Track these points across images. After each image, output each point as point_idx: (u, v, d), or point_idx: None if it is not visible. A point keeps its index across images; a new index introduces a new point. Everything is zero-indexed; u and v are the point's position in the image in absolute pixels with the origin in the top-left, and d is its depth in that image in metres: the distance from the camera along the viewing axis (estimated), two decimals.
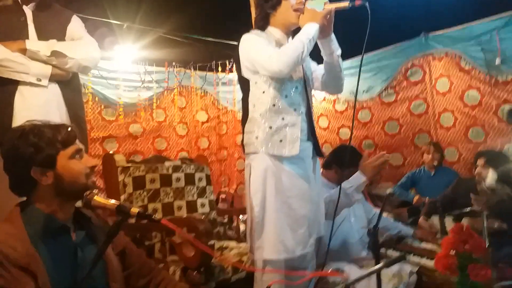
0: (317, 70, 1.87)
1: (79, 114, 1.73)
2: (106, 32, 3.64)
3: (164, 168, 2.39)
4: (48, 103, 1.60)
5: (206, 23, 4.12)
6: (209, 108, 4.76)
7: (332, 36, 1.73)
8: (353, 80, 3.52)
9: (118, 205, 1.11)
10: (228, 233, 2.61)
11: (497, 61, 3.28)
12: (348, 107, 4.50)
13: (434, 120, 3.89)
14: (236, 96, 4.80)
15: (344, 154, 2.18)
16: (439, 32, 3.75)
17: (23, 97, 1.55)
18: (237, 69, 1.79)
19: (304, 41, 1.58)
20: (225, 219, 2.67)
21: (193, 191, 2.46)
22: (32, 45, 1.58)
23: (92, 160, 1.22)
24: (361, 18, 1.58)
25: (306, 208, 1.69)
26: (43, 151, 1.11)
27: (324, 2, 1.61)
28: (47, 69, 1.61)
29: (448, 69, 3.73)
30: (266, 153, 1.65)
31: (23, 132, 1.14)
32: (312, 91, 1.87)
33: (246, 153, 1.73)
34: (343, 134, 4.58)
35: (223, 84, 4.78)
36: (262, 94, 1.68)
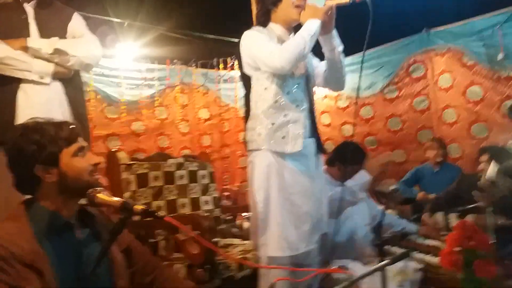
0: (319, 66, 1.87)
1: (81, 111, 1.73)
2: (107, 30, 3.64)
3: (167, 166, 2.40)
4: (51, 101, 1.60)
5: (207, 20, 4.12)
6: (211, 106, 4.75)
7: (334, 32, 1.72)
8: (355, 77, 3.46)
9: (122, 202, 1.11)
10: (232, 231, 2.61)
11: (500, 56, 3.28)
12: (351, 104, 4.49)
13: (436, 116, 3.88)
14: (238, 93, 4.79)
15: (347, 151, 2.17)
16: (441, 27, 3.74)
17: (26, 95, 1.55)
18: (239, 66, 1.78)
19: (306, 37, 1.57)
20: (229, 216, 2.67)
21: (197, 189, 2.46)
22: (34, 43, 1.58)
23: (95, 158, 1.22)
24: (362, 14, 1.57)
25: (309, 204, 1.70)
26: (46, 149, 1.11)
27: None
28: (49, 67, 1.61)
29: (450, 64, 3.72)
30: (269, 150, 1.65)
31: (25, 129, 1.14)
32: (314, 88, 1.86)
33: (249, 150, 1.73)
34: (346, 131, 4.57)
35: (225, 81, 4.77)
36: (264, 91, 1.67)
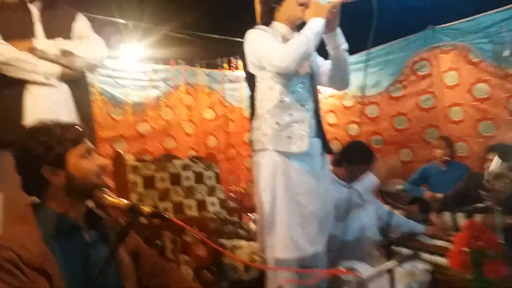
0: (324, 65, 1.85)
1: (87, 112, 1.73)
2: (112, 31, 3.65)
3: (173, 167, 2.40)
4: (57, 102, 1.60)
5: (211, 21, 4.11)
6: (216, 106, 4.75)
7: (338, 30, 1.71)
8: (360, 76, 3.48)
9: (130, 204, 1.11)
10: (239, 232, 2.60)
11: (506, 53, 3.25)
12: (356, 103, 4.47)
13: (443, 115, 3.85)
14: (243, 93, 4.78)
15: (354, 151, 2.16)
16: (446, 24, 3.71)
17: (32, 96, 1.55)
18: (243, 65, 1.78)
19: (310, 36, 1.56)
20: (235, 218, 2.66)
21: (203, 190, 2.46)
22: (40, 44, 1.58)
23: (102, 159, 1.22)
24: (366, 12, 1.56)
25: (315, 205, 1.68)
26: (53, 150, 1.11)
27: None
28: (55, 68, 1.61)
29: (456, 62, 3.69)
30: (275, 150, 1.64)
31: (32, 131, 1.14)
32: (319, 87, 1.85)
33: (255, 150, 1.72)
34: (351, 130, 4.55)
35: (230, 81, 4.76)
36: (269, 90, 1.67)
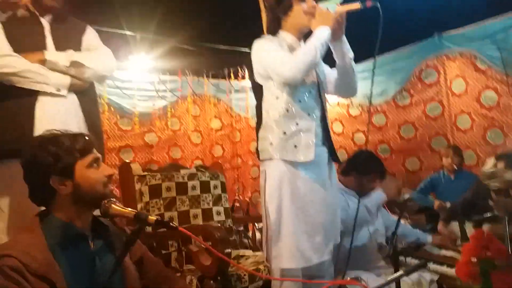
0: (331, 73, 1.86)
1: (96, 123, 1.75)
2: (121, 43, 3.71)
3: (180, 176, 2.40)
4: (67, 113, 1.63)
5: (218, 31, 4.15)
6: (222, 116, 4.78)
7: (344, 39, 1.72)
8: (366, 84, 3.47)
9: (136, 213, 1.12)
10: (244, 242, 2.59)
11: None
12: (362, 111, 4.46)
13: (450, 123, 3.82)
14: (249, 103, 4.81)
15: (362, 160, 2.15)
16: (452, 31, 3.69)
17: (43, 107, 1.58)
18: (250, 75, 1.79)
19: (317, 45, 1.57)
20: (241, 227, 2.66)
21: (209, 199, 2.46)
22: (51, 56, 1.62)
23: (109, 169, 1.23)
24: (372, 20, 1.57)
25: (322, 214, 1.67)
26: (62, 160, 1.12)
27: (337, 2, 1.60)
28: (66, 79, 1.64)
29: (463, 69, 3.67)
30: (281, 159, 1.63)
31: (42, 141, 1.16)
32: (326, 95, 1.86)
33: (261, 160, 1.72)
34: (358, 139, 4.53)
35: (236, 91, 4.80)
36: (276, 100, 1.67)
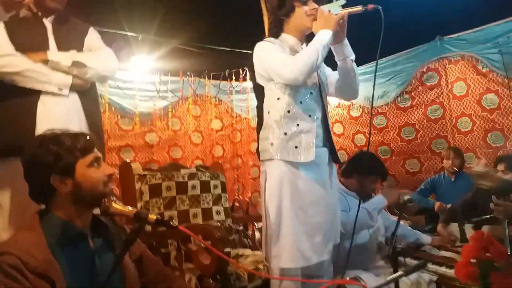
0: (332, 75, 1.87)
1: (97, 123, 1.76)
2: (122, 43, 3.72)
3: (180, 176, 2.41)
4: (69, 112, 1.63)
5: (219, 33, 4.17)
6: (223, 117, 4.80)
7: (346, 41, 1.73)
8: (367, 86, 3.49)
9: (137, 212, 1.12)
10: (243, 241, 2.60)
11: None
12: (363, 113, 4.47)
13: (451, 125, 3.83)
14: (250, 104, 4.82)
15: (363, 161, 2.16)
16: (454, 35, 3.71)
17: (45, 106, 1.59)
18: (251, 76, 1.80)
19: (318, 48, 1.58)
20: (240, 227, 2.66)
21: (209, 199, 2.46)
22: (54, 56, 1.63)
23: (109, 168, 1.24)
24: (374, 23, 1.58)
25: (322, 214, 1.68)
26: (63, 159, 1.13)
27: (340, 5, 1.62)
28: (68, 79, 1.65)
29: (464, 72, 3.68)
30: (282, 160, 1.64)
31: (43, 140, 1.16)
32: (327, 97, 1.86)
33: (262, 160, 1.73)
34: (358, 140, 4.54)
35: (237, 92, 4.82)
36: (277, 101, 1.68)
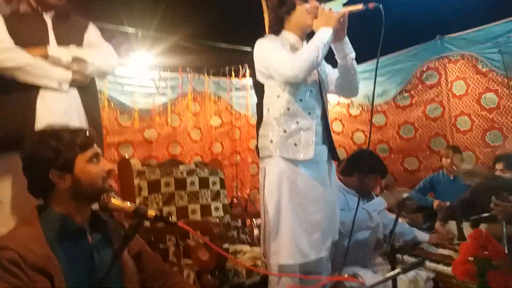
0: (332, 73, 1.87)
1: (96, 118, 1.76)
2: (122, 39, 3.71)
3: (178, 172, 2.41)
4: (68, 108, 1.63)
5: (220, 30, 4.16)
6: (222, 113, 4.79)
7: (346, 39, 1.73)
8: (367, 84, 3.49)
9: (135, 207, 1.12)
10: (242, 237, 2.60)
11: None
12: (362, 111, 4.47)
13: (450, 124, 3.84)
14: (249, 101, 4.81)
15: (363, 159, 2.17)
16: (454, 34, 3.71)
17: (44, 101, 1.59)
18: (251, 74, 1.80)
19: (319, 45, 1.58)
20: (239, 223, 2.67)
21: (207, 195, 2.47)
22: (54, 51, 1.62)
23: (109, 164, 1.23)
24: (375, 22, 1.58)
25: (321, 212, 1.69)
26: (62, 155, 1.13)
27: (342, 3, 1.62)
28: (68, 74, 1.64)
29: (464, 71, 3.69)
30: (281, 157, 1.64)
31: (42, 136, 1.16)
32: (327, 95, 1.86)
33: (261, 157, 1.73)
34: (357, 138, 4.54)
35: (237, 89, 4.81)
36: (277, 98, 1.68)
